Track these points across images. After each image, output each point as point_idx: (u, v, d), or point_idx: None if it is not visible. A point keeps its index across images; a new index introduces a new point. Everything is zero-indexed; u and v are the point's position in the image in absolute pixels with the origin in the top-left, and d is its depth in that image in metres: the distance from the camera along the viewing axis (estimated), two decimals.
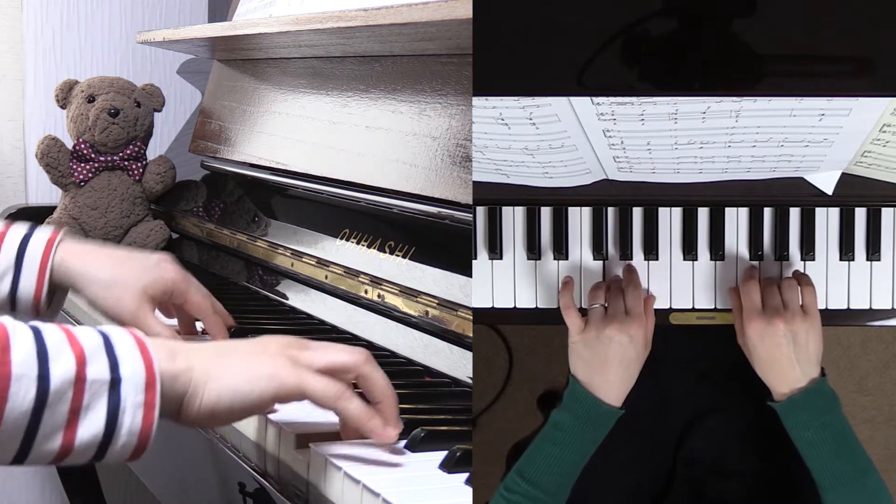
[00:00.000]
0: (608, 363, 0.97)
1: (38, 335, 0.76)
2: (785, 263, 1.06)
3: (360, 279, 1.22)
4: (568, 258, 1.08)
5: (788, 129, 0.93)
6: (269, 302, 1.39)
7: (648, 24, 0.88)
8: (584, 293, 1.08)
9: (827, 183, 1.04)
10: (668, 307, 1.07)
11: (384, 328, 1.17)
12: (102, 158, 1.69)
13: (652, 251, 1.07)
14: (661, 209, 1.07)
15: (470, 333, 1.04)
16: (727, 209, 1.07)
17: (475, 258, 1.07)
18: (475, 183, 1.05)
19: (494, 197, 1.07)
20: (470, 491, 0.79)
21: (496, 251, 1.08)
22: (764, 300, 0.98)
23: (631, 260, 1.07)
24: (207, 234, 1.63)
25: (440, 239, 1.14)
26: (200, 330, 1.18)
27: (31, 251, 1.10)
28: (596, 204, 1.08)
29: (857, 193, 1.04)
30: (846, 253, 1.06)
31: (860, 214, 1.06)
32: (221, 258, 1.59)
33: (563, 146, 0.98)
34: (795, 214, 1.06)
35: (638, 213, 1.08)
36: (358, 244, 1.26)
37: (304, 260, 1.35)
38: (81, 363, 0.76)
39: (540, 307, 1.08)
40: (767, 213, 1.07)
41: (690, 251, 1.07)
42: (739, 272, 1.07)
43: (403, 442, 0.88)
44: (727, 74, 0.88)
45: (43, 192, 2.04)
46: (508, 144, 0.98)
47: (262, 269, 1.47)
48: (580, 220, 1.08)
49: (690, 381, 1.14)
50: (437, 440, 0.87)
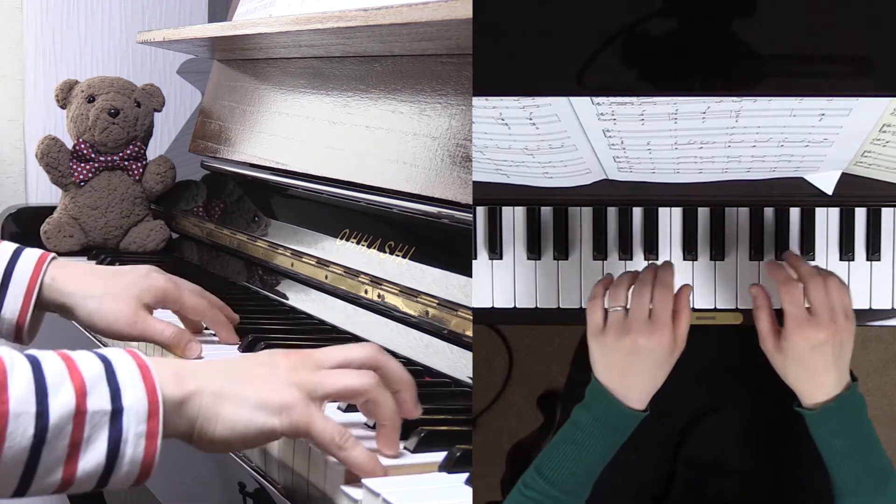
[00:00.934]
0: (627, 371, 0.92)
1: (36, 368, 0.75)
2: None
3: (360, 279, 1.22)
4: (568, 258, 1.08)
5: (788, 129, 0.93)
6: (269, 302, 1.39)
7: (648, 24, 0.88)
8: (584, 293, 1.08)
9: (827, 183, 1.04)
10: None
11: (384, 328, 1.17)
12: (102, 158, 1.69)
13: (652, 251, 1.07)
14: (661, 209, 1.07)
15: (470, 333, 1.04)
16: (727, 209, 1.07)
17: (475, 258, 1.07)
18: (475, 183, 1.05)
19: (494, 197, 1.07)
20: (470, 491, 0.79)
21: (496, 251, 1.08)
22: (813, 305, 0.93)
23: (631, 260, 1.07)
24: (207, 234, 1.63)
25: (440, 239, 1.14)
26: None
27: (18, 272, 1.09)
28: (596, 204, 1.08)
29: (857, 193, 1.04)
30: (846, 253, 1.06)
31: (860, 214, 1.06)
32: (221, 258, 1.59)
33: (563, 146, 0.98)
34: (795, 214, 1.06)
35: (638, 213, 1.08)
36: (358, 244, 1.26)
37: (304, 260, 1.35)
38: (82, 395, 0.75)
39: (540, 307, 1.08)
40: (768, 213, 1.07)
41: (690, 251, 1.07)
42: (741, 271, 1.07)
43: (402, 444, 0.88)
44: (727, 74, 0.88)
45: (43, 192, 2.03)
46: (508, 144, 0.98)
47: (262, 269, 1.47)
48: (580, 220, 1.08)
49: (690, 381, 1.14)
50: (437, 440, 0.87)
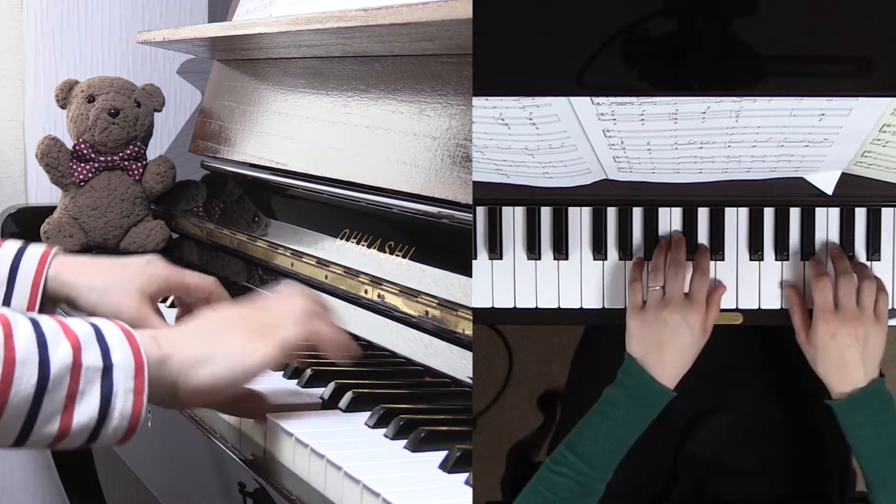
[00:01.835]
0: (663, 345, 0.98)
1: (35, 323, 0.80)
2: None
3: (360, 279, 1.22)
4: (568, 258, 1.08)
5: (788, 129, 0.93)
6: None
7: (648, 24, 0.88)
8: (584, 293, 1.08)
9: (827, 183, 1.04)
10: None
11: (384, 328, 1.17)
12: (102, 158, 1.69)
13: (652, 251, 1.07)
14: (661, 209, 1.07)
15: (470, 333, 1.04)
16: (727, 209, 1.07)
17: (475, 258, 1.07)
18: (475, 183, 1.05)
19: (494, 197, 1.07)
20: (470, 491, 0.79)
21: (496, 251, 1.08)
22: (840, 298, 0.99)
23: (630, 260, 1.07)
24: (207, 234, 1.63)
25: (440, 239, 1.14)
26: None
27: (24, 267, 1.10)
28: (596, 204, 1.08)
29: (857, 193, 1.04)
30: (846, 253, 1.06)
31: (860, 214, 1.06)
32: (221, 258, 1.59)
33: (563, 146, 0.98)
34: (795, 214, 1.06)
35: (638, 213, 1.08)
36: (358, 244, 1.26)
37: (304, 260, 1.35)
38: (77, 350, 0.80)
39: (540, 307, 1.08)
40: (768, 213, 1.07)
41: (691, 251, 1.07)
42: (741, 271, 1.07)
43: (403, 444, 0.88)
44: (727, 74, 0.88)
45: (43, 192, 2.03)
46: (508, 144, 0.98)
47: (262, 269, 1.47)
48: (580, 220, 1.08)
49: (691, 380, 1.14)
50: (437, 440, 0.87)
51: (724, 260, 1.06)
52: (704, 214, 1.07)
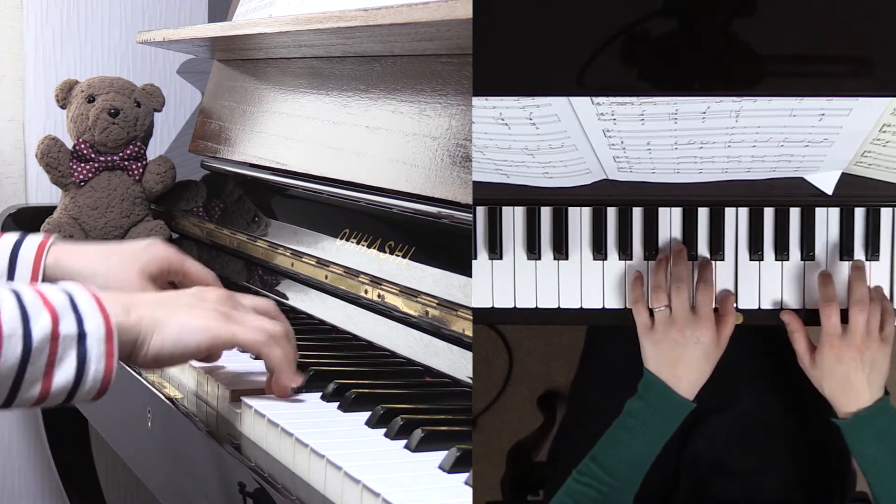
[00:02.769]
0: (676, 362, 0.99)
1: (18, 297, 0.87)
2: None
3: (360, 279, 1.22)
4: (568, 258, 1.08)
5: (788, 129, 0.93)
6: None
7: (648, 24, 0.88)
8: (584, 293, 1.08)
9: (827, 183, 1.04)
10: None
11: (384, 328, 1.17)
12: (102, 158, 1.69)
13: (652, 251, 1.07)
14: (661, 209, 1.07)
15: (470, 333, 1.04)
16: (727, 209, 1.07)
17: (475, 258, 1.07)
18: (475, 183, 1.05)
19: (494, 197, 1.07)
20: (470, 491, 0.79)
21: (496, 251, 1.08)
22: (850, 325, 0.99)
23: (631, 260, 1.07)
24: (207, 234, 1.63)
25: (440, 239, 1.14)
26: None
27: (23, 254, 1.13)
28: (596, 204, 1.08)
29: (857, 193, 1.04)
30: (846, 253, 1.06)
31: (860, 214, 1.06)
32: (221, 258, 1.59)
33: (563, 146, 0.98)
34: (795, 214, 1.06)
35: (638, 213, 1.08)
36: (358, 244, 1.26)
37: (304, 260, 1.35)
38: (55, 321, 0.87)
39: (540, 307, 1.08)
40: (768, 213, 1.07)
41: (690, 251, 1.07)
42: (741, 271, 1.07)
43: (403, 443, 0.88)
44: (727, 74, 0.88)
45: (43, 192, 2.03)
46: (508, 144, 0.98)
47: (262, 269, 1.47)
48: (580, 220, 1.08)
49: None
50: (437, 440, 0.87)
51: (724, 260, 1.06)
52: (704, 214, 1.07)
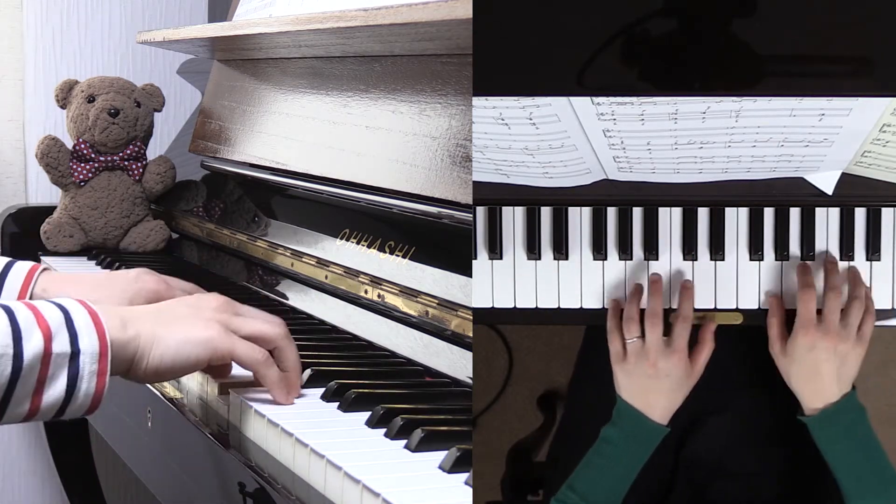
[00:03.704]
0: (648, 392, 1.00)
1: (10, 315, 0.86)
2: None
3: (360, 279, 1.22)
4: (568, 258, 1.08)
5: (788, 129, 0.93)
6: (268, 302, 1.39)
7: (648, 24, 0.88)
8: (584, 293, 1.08)
9: (827, 183, 1.04)
10: (668, 307, 1.07)
11: (384, 328, 1.17)
12: (102, 158, 1.69)
13: (652, 251, 1.07)
14: (661, 209, 1.07)
15: (470, 333, 1.04)
16: (727, 209, 1.07)
17: (475, 258, 1.07)
18: (475, 183, 1.05)
19: (494, 197, 1.07)
20: (470, 491, 0.79)
21: (496, 251, 1.08)
22: (826, 312, 0.99)
23: (630, 260, 1.07)
24: (207, 234, 1.63)
25: (440, 239, 1.14)
26: None
27: (11, 281, 1.13)
28: (596, 204, 1.08)
29: (857, 193, 1.04)
30: (846, 253, 1.06)
31: (860, 214, 1.06)
32: (221, 258, 1.59)
33: (563, 146, 0.98)
34: (795, 214, 1.06)
35: (638, 213, 1.08)
36: (358, 244, 1.26)
37: (304, 260, 1.35)
38: (48, 339, 0.87)
39: (540, 307, 1.08)
40: (767, 213, 1.07)
41: (690, 251, 1.07)
42: (741, 271, 1.07)
43: (403, 443, 0.88)
44: (727, 74, 0.88)
45: (43, 192, 2.03)
46: (508, 144, 0.98)
47: (262, 269, 1.47)
48: (580, 220, 1.08)
49: None
50: (437, 440, 0.87)
51: (724, 260, 1.06)
52: (704, 214, 1.07)
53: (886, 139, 0.94)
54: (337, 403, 0.98)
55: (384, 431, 0.91)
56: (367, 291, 1.20)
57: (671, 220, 1.07)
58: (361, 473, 0.80)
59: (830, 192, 1.04)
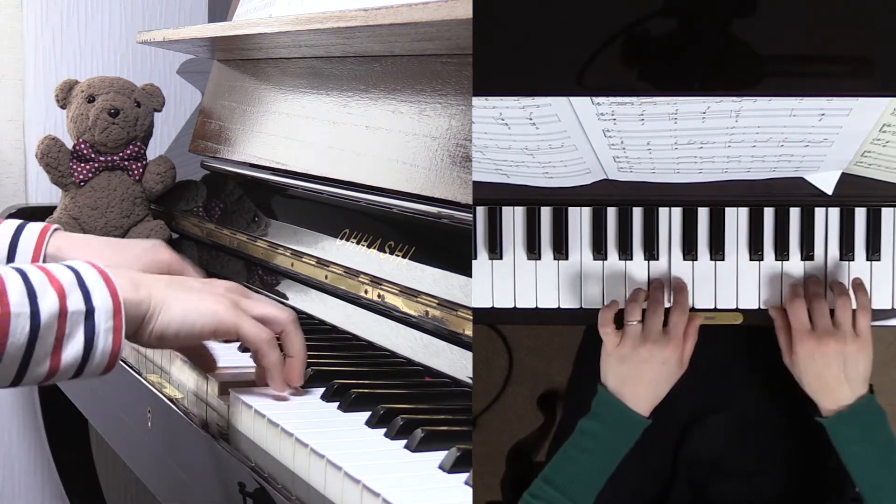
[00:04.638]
0: (639, 380, 0.99)
1: (24, 276, 0.87)
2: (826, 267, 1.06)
3: (360, 279, 1.22)
4: (568, 258, 1.08)
5: (788, 129, 0.93)
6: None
7: (648, 24, 0.88)
8: (584, 293, 1.08)
9: (827, 183, 1.04)
10: (667, 307, 1.07)
11: (384, 328, 1.17)
12: (102, 158, 1.69)
13: (652, 251, 1.07)
14: (661, 209, 1.07)
15: (470, 333, 1.04)
16: (727, 209, 1.07)
17: (475, 258, 1.07)
18: (475, 183, 1.05)
19: (494, 197, 1.07)
20: (470, 491, 0.79)
21: (496, 251, 1.08)
22: (814, 319, 0.99)
23: (630, 259, 1.07)
24: (207, 234, 1.63)
25: (440, 239, 1.14)
26: None
27: (23, 242, 1.13)
28: (596, 204, 1.08)
29: (857, 193, 1.04)
30: (846, 253, 1.06)
31: (860, 214, 1.06)
32: (221, 258, 1.59)
33: (563, 146, 0.98)
34: (795, 214, 1.06)
35: (638, 213, 1.08)
36: (358, 244, 1.26)
37: (304, 260, 1.35)
38: (63, 298, 0.88)
39: (540, 307, 1.08)
40: (768, 213, 1.07)
41: (690, 251, 1.07)
42: (741, 271, 1.07)
43: (403, 443, 0.88)
44: (727, 74, 0.88)
45: (43, 192, 2.04)
46: (508, 144, 0.98)
47: (262, 269, 1.47)
48: (580, 220, 1.08)
49: (690, 381, 1.14)
50: (437, 440, 0.87)
51: (724, 260, 1.07)
52: (704, 214, 1.07)
53: (886, 139, 0.94)
54: (337, 403, 0.98)
55: (384, 431, 0.91)
56: (367, 291, 1.20)
57: (671, 220, 1.08)
58: (361, 473, 0.80)
59: (830, 192, 1.04)
